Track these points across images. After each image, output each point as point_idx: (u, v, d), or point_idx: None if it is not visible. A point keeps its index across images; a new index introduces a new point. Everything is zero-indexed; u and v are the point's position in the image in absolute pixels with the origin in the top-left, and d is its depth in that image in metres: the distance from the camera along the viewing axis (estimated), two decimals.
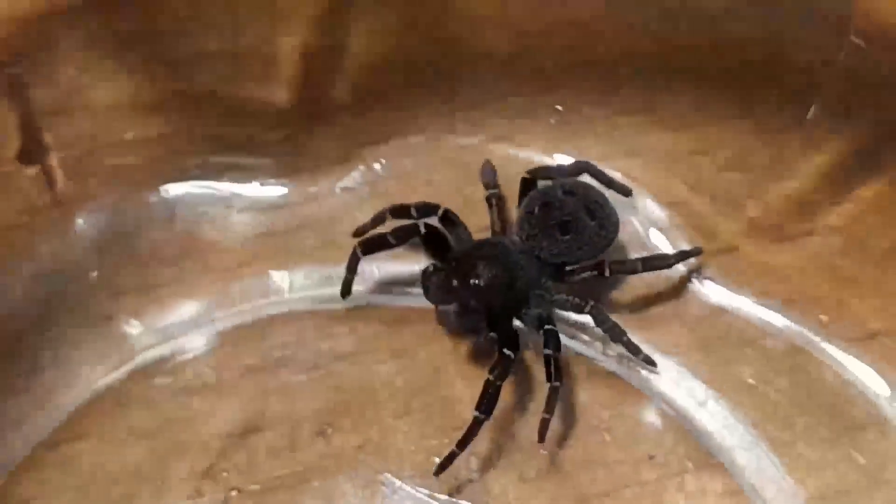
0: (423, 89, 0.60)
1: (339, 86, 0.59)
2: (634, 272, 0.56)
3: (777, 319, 0.56)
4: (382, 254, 0.56)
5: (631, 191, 0.59)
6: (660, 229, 0.59)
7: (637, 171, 0.60)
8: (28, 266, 0.56)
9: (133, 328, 0.56)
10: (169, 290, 0.57)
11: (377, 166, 0.60)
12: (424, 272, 0.55)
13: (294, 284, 0.57)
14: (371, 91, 0.59)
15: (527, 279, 0.55)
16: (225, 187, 0.59)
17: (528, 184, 0.58)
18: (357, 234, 0.58)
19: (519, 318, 0.55)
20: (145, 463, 0.52)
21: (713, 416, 0.54)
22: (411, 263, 0.58)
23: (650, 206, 0.60)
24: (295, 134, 0.59)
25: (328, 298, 0.57)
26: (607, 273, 0.55)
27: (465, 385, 0.54)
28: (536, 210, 0.56)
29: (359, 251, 0.55)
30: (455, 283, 0.54)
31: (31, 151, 0.56)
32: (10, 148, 0.55)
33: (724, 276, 0.58)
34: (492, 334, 0.53)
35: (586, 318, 0.55)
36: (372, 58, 0.58)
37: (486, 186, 0.59)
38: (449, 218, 0.57)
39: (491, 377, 0.51)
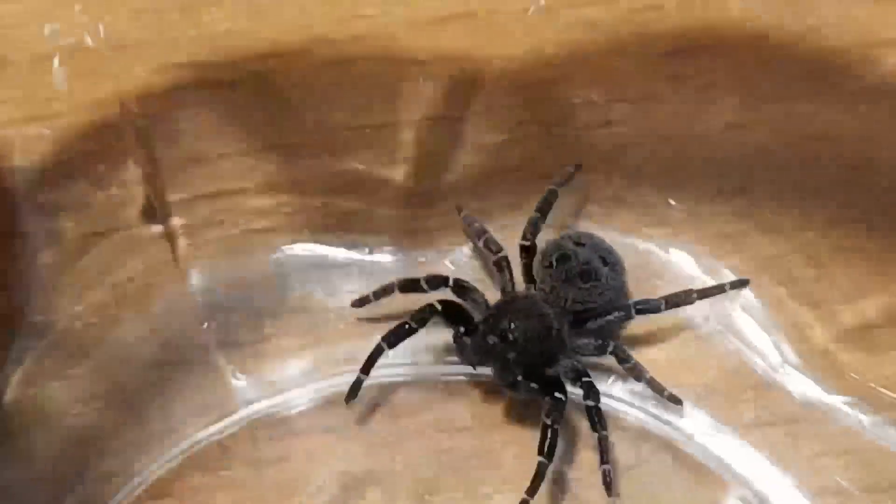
0: (537, 177, 0.61)
1: (455, 168, 0.60)
2: (658, 311, 0.56)
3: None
4: None
5: (581, 165, 0.59)
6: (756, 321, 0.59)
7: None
8: (143, 320, 0.57)
9: (240, 381, 0.57)
10: (277, 348, 0.58)
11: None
12: (455, 337, 0.55)
13: (396, 351, 0.58)
14: (486, 175, 0.61)
15: (556, 329, 0.56)
16: (337, 253, 0.60)
17: (526, 249, 0.59)
18: (357, 304, 0.58)
19: (553, 369, 0.56)
20: None
21: None
22: None
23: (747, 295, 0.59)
24: (409, 209, 0.61)
25: (428, 366, 0.58)
26: (633, 314, 0.56)
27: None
28: (555, 263, 0.57)
29: (384, 345, 0.55)
30: (491, 340, 0.54)
31: (155, 211, 0.58)
32: (135, 206, 0.58)
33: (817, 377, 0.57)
34: (533, 385, 0.54)
35: None
36: (490, 144, 0.60)
37: (493, 252, 0.59)
38: (461, 286, 0.57)
39: (548, 421, 0.52)
